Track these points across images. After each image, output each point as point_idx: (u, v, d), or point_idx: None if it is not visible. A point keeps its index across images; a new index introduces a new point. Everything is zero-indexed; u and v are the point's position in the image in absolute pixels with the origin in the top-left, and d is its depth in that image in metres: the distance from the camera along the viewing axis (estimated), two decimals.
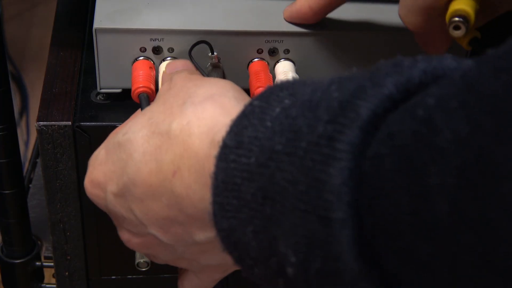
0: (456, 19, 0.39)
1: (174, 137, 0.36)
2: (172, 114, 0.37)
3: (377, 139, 0.27)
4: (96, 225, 0.57)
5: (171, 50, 0.51)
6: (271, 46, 0.51)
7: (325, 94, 0.30)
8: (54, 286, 0.67)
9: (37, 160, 0.86)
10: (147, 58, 0.51)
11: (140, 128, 0.38)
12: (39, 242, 0.68)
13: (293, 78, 0.33)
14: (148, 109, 0.40)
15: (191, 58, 0.50)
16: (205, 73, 0.51)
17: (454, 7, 0.40)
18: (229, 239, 0.32)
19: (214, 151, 0.33)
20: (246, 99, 0.37)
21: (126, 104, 0.52)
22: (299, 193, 0.28)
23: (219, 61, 0.51)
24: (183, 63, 0.47)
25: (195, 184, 0.35)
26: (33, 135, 1.06)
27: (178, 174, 0.35)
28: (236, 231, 0.31)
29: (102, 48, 0.50)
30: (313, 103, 0.30)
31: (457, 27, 0.39)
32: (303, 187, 0.28)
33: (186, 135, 0.36)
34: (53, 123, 0.51)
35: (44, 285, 0.70)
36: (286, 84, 0.33)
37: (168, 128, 0.37)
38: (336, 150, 0.28)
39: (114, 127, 0.52)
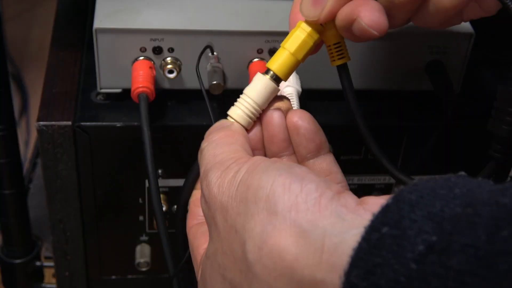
0: None
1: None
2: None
3: None
4: (96, 225, 0.57)
5: (171, 50, 0.51)
6: (271, 46, 0.51)
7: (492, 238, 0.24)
8: (54, 286, 0.67)
9: (37, 160, 0.86)
10: (147, 58, 0.51)
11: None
12: (39, 242, 0.68)
13: (413, 181, 0.28)
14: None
15: (197, 72, 0.50)
16: (204, 89, 0.50)
17: None
18: None
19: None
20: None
21: (126, 104, 0.52)
22: None
23: (219, 61, 0.51)
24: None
25: None
26: (33, 135, 1.06)
27: None
28: None
29: (102, 48, 0.50)
30: (481, 251, 0.24)
31: None
32: None
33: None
34: (53, 123, 0.51)
35: (44, 285, 0.70)
36: (414, 200, 0.27)
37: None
38: None
39: (114, 127, 0.52)
